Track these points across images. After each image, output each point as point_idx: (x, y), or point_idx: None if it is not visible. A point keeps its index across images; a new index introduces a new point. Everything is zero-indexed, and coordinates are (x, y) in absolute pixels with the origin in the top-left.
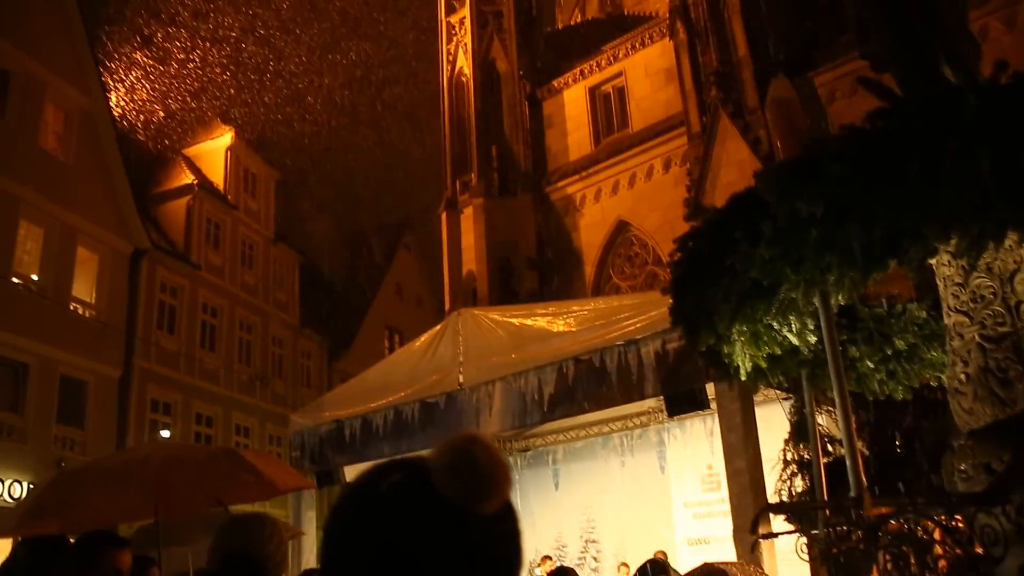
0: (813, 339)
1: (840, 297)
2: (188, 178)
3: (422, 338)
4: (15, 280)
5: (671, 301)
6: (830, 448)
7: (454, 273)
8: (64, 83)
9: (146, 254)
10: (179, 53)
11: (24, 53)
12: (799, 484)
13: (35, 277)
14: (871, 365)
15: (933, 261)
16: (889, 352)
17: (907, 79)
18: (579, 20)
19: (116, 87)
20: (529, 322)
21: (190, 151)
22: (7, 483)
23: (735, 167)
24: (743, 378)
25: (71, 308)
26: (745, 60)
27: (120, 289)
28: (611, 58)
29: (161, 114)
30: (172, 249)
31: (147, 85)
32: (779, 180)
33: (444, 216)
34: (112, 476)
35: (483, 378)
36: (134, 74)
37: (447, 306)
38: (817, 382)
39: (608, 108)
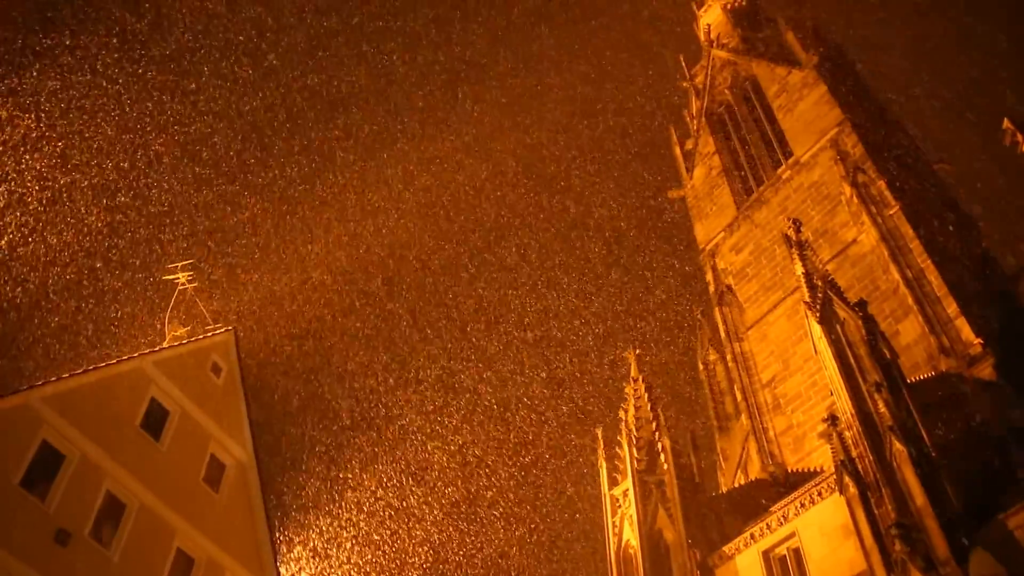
0: None
1: None
2: None
3: None
4: None
5: None
6: None
7: None
8: (242, 568)
9: None
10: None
11: (211, 541)
12: None
13: None
14: None
15: None
16: None
17: None
18: (742, 482)
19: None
20: None
21: None
22: None
23: None
24: None
25: None
26: (925, 509)
27: None
28: (781, 519)
29: None
30: None
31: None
32: None
33: None
34: None
35: None
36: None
37: None
38: None
39: (785, 572)
